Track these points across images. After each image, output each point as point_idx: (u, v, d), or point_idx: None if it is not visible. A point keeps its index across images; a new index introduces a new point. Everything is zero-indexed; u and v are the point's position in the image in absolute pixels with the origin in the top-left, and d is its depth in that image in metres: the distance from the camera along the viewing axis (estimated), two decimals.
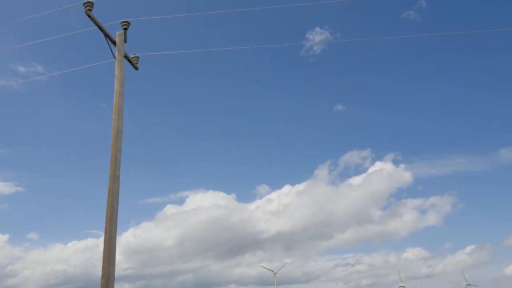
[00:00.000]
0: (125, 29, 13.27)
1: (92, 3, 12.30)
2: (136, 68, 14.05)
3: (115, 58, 12.97)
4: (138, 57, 14.06)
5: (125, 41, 13.24)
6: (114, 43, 13.08)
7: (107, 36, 12.90)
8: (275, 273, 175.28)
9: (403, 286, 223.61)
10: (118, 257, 10.80)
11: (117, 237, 10.71)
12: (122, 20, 13.31)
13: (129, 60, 13.70)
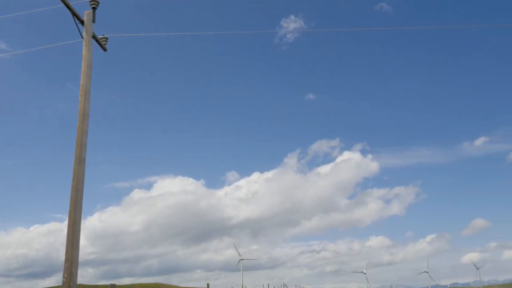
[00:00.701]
0: (94, 8, 12.89)
1: None
2: (104, 50, 13.72)
3: (82, 38, 12.62)
4: (107, 38, 13.71)
5: (93, 21, 12.87)
6: (82, 22, 12.71)
7: (74, 14, 12.50)
8: (241, 259, 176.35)
9: (364, 273, 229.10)
10: (83, 241, 10.62)
11: (82, 221, 10.54)
12: None
13: (97, 41, 13.35)
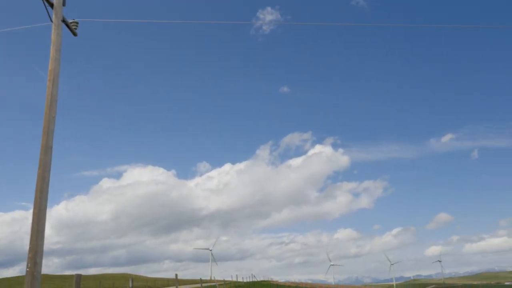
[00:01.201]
0: None
1: None
2: (74, 34, 13.34)
3: (52, 21, 12.23)
4: (77, 23, 13.33)
5: (63, 4, 12.48)
6: (51, 5, 12.31)
7: None
8: (211, 250, 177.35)
9: (333, 264, 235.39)
10: (48, 230, 10.38)
11: (48, 210, 10.29)
12: None
13: (67, 25, 12.95)
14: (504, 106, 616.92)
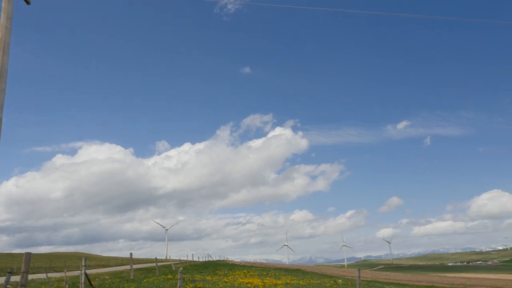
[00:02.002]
0: None
1: None
2: (27, 3, 12.67)
3: None
4: None
5: None
6: None
7: None
8: (167, 230, 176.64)
9: (286, 245, 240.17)
10: None
11: None
12: None
13: None
14: (456, 97, 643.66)
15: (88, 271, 18.08)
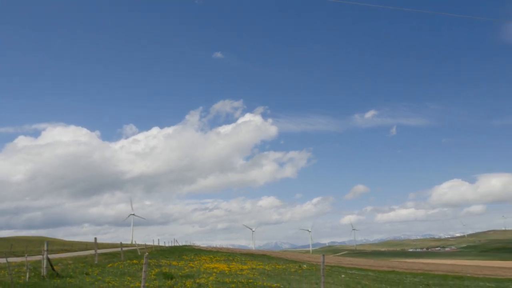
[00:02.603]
0: None
1: None
2: None
3: None
4: None
5: None
6: None
7: None
8: (133, 214, 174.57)
9: (253, 230, 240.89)
10: None
11: None
12: None
13: None
14: (423, 89, 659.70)
15: (50, 256, 17.77)
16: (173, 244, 70.15)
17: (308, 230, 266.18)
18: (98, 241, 26.70)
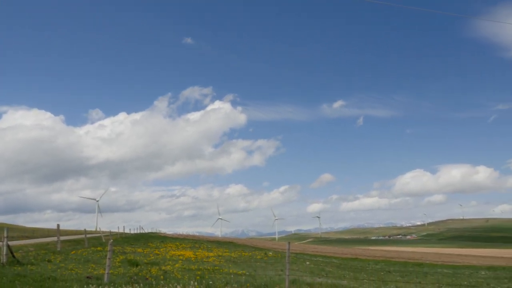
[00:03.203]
0: None
1: None
2: None
3: None
4: None
5: None
6: None
7: None
8: (97, 201, 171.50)
9: (221, 218, 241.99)
10: None
11: None
12: None
13: None
14: (391, 81, 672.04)
15: (10, 243, 17.30)
16: (138, 231, 69.53)
17: (274, 218, 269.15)
18: (62, 228, 26.13)
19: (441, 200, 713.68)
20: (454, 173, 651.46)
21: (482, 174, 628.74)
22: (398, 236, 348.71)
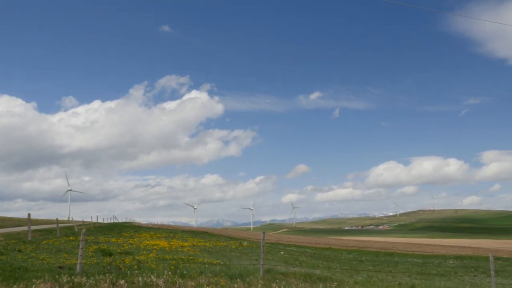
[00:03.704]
0: None
1: None
2: None
3: None
4: None
5: None
6: None
7: None
8: (71, 190, 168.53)
9: (195, 208, 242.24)
10: None
11: None
12: None
13: None
14: (367, 74, 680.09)
15: None
16: (112, 221, 68.75)
17: (249, 208, 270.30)
18: (33, 217, 25.64)
19: (413, 191, 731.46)
20: (426, 165, 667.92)
21: (453, 166, 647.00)
22: (371, 227, 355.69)
